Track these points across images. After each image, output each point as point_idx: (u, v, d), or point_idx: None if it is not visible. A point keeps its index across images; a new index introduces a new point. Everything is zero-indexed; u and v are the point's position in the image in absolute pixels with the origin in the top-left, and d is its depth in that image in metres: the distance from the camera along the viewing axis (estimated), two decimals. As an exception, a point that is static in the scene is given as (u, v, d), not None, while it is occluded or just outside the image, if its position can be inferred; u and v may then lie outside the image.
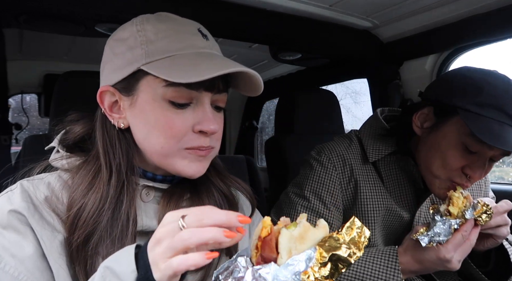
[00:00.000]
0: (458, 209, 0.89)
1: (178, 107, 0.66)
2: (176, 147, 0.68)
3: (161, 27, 0.68)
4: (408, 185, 1.12)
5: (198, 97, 0.68)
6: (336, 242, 0.54)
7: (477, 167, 0.95)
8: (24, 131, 2.45)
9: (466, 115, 0.91)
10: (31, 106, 2.82)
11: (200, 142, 0.68)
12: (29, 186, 0.67)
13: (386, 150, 1.11)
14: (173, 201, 0.72)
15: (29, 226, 0.63)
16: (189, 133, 0.68)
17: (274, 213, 1.17)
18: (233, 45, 1.81)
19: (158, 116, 0.66)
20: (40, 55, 2.16)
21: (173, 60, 0.65)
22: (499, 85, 0.94)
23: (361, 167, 1.12)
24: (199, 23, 0.74)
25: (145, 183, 0.72)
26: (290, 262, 0.50)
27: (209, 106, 0.69)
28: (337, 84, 2.70)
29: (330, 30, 1.55)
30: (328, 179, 1.11)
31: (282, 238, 0.52)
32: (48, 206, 0.65)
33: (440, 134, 0.99)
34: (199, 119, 0.68)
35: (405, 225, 1.12)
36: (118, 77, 0.68)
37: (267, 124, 3.25)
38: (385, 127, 1.14)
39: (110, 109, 0.71)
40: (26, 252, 0.61)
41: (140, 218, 0.69)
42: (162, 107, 0.66)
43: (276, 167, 1.80)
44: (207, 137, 0.69)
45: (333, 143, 1.17)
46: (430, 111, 1.03)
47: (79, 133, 0.75)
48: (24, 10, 1.17)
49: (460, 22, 1.36)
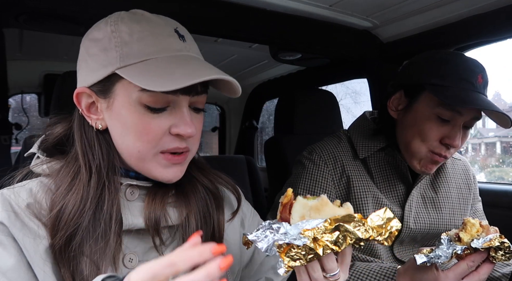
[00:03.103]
0: (470, 236, 0.82)
1: (155, 112, 0.65)
2: (153, 152, 0.67)
3: (135, 28, 0.66)
4: (397, 180, 1.16)
5: (176, 101, 0.67)
6: (350, 218, 0.61)
7: (453, 134, 1.02)
8: (24, 131, 2.45)
9: (432, 89, 1.01)
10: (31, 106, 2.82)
11: (176, 144, 0.68)
12: (9, 194, 0.66)
13: (375, 147, 1.15)
14: (158, 198, 0.71)
15: (10, 236, 0.62)
16: (166, 135, 0.67)
17: (271, 215, 1.18)
18: (233, 45, 1.81)
19: (135, 120, 0.66)
20: (40, 55, 2.16)
21: (148, 65, 0.64)
22: (456, 58, 1.05)
23: (351, 163, 1.16)
24: (177, 22, 0.72)
25: (128, 181, 0.71)
26: (300, 223, 0.60)
27: (187, 109, 0.68)
28: (337, 84, 2.70)
29: (330, 30, 1.55)
30: (320, 176, 1.14)
31: (296, 203, 0.63)
32: (31, 212, 0.64)
33: (414, 112, 1.07)
34: (176, 122, 0.67)
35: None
36: (93, 79, 0.67)
37: (267, 124, 3.25)
38: (373, 127, 1.19)
39: (87, 110, 0.70)
40: (9, 264, 0.60)
41: (125, 217, 0.68)
42: (139, 112, 0.65)
43: (275, 167, 1.80)
44: (184, 140, 0.69)
45: (323, 142, 1.21)
46: (401, 95, 1.11)
47: (57, 135, 0.73)
48: (24, 10, 1.17)
49: (460, 22, 1.36)
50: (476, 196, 1.30)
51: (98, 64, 0.66)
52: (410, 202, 1.15)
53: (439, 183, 1.22)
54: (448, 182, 1.23)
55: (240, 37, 1.49)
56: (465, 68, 1.02)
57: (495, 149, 2.75)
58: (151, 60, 0.65)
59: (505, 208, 1.47)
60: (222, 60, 2.21)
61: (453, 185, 1.24)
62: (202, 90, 0.69)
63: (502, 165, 2.54)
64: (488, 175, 2.53)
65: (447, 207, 1.20)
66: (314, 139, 1.32)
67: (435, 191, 1.21)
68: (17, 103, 2.65)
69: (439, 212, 1.19)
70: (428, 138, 1.03)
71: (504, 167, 2.52)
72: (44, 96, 2.46)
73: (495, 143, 2.78)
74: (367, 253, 1.11)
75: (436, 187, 1.21)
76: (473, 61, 1.05)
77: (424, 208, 1.18)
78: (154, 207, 0.69)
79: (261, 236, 0.60)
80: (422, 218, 1.16)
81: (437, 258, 0.81)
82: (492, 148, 2.80)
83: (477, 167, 2.61)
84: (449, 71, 1.02)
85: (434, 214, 1.18)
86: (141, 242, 0.71)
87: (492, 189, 1.56)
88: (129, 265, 0.68)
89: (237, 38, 1.51)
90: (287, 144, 1.73)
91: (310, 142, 1.29)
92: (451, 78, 1.01)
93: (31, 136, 1.38)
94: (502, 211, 1.46)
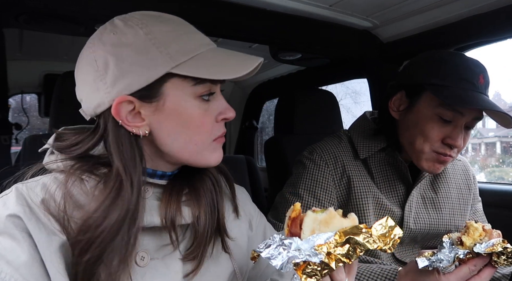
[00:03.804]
0: (472, 240, 0.82)
1: (205, 102, 0.69)
2: (209, 141, 0.71)
3: (166, 28, 0.67)
4: (397, 180, 1.16)
5: (215, 89, 0.71)
6: (358, 230, 0.62)
7: (455, 135, 1.02)
8: (24, 131, 2.45)
9: (432, 89, 1.01)
10: (31, 106, 2.82)
11: (222, 130, 0.74)
12: (24, 189, 0.65)
13: (376, 147, 1.15)
14: (174, 196, 0.72)
15: (25, 230, 0.61)
16: (214, 124, 0.71)
17: (272, 215, 1.18)
18: (233, 45, 1.81)
19: (191, 115, 0.68)
20: (40, 55, 2.16)
21: (198, 60, 0.66)
22: (456, 58, 1.05)
23: (352, 163, 1.16)
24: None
25: (148, 180, 0.71)
26: (311, 238, 0.60)
27: (221, 95, 0.74)
28: (337, 84, 2.70)
29: (330, 30, 1.55)
30: (321, 175, 1.14)
31: (307, 217, 0.63)
32: (45, 208, 0.64)
33: (415, 112, 1.07)
34: (221, 109, 0.72)
35: (397, 221, 1.14)
36: (140, 84, 0.65)
37: (267, 124, 3.25)
38: (373, 127, 1.19)
39: (127, 118, 0.67)
40: (22, 259, 0.59)
41: (142, 214, 0.68)
42: (194, 106, 0.68)
43: (275, 167, 1.80)
44: (222, 125, 0.74)
45: (323, 142, 1.21)
46: (402, 95, 1.11)
47: (85, 149, 0.70)
48: (24, 10, 1.17)
49: (460, 22, 1.36)
50: (476, 196, 1.30)
51: (141, 68, 0.64)
52: (410, 202, 1.15)
53: (439, 183, 1.22)
54: (448, 182, 1.23)
55: (240, 37, 1.49)
56: (465, 68, 1.02)
57: (495, 149, 2.75)
58: (197, 55, 0.67)
59: (505, 208, 1.47)
60: (222, 60, 2.21)
61: (453, 185, 1.24)
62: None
63: (502, 165, 2.54)
64: (488, 175, 2.53)
65: (447, 207, 1.20)
66: (314, 139, 1.32)
67: (435, 191, 1.21)
68: (17, 103, 2.65)
69: (439, 212, 1.19)
70: (430, 139, 1.03)
71: (504, 167, 2.53)
72: (44, 96, 2.47)
73: (495, 142, 2.78)
74: (367, 253, 1.11)
75: (436, 187, 1.21)
76: (474, 61, 1.04)
77: (424, 208, 1.18)
78: (171, 206, 0.70)
79: (274, 253, 0.61)
80: (422, 218, 1.16)
81: (439, 262, 0.81)
82: (492, 148, 2.80)
83: (477, 167, 2.61)
84: (449, 71, 1.02)
85: (434, 214, 1.18)
86: (153, 239, 0.71)
87: (492, 189, 1.56)
88: (141, 263, 0.68)
89: (237, 38, 1.51)
90: (287, 144, 1.73)
91: (310, 142, 1.29)
92: (451, 78, 1.01)
93: (31, 136, 1.37)
94: (502, 211, 1.46)
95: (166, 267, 0.70)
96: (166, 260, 0.71)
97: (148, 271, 0.68)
